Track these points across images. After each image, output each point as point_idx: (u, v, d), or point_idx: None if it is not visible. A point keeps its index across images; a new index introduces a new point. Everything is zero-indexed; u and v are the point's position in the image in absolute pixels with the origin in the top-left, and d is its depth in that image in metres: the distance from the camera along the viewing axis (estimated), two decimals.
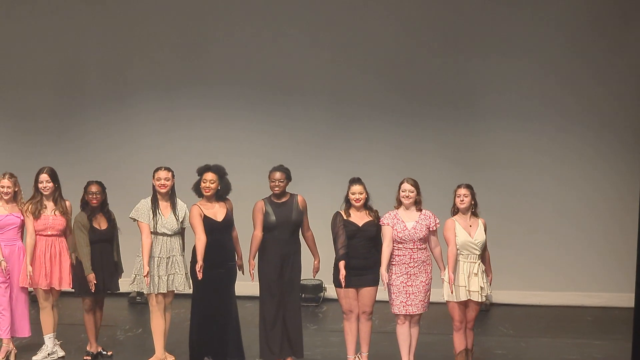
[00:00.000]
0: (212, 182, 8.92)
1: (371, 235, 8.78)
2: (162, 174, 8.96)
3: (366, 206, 8.85)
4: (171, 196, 9.01)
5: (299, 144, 11.87)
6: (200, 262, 8.68)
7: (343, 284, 8.69)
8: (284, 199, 9.01)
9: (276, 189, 8.95)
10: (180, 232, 9.04)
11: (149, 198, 8.98)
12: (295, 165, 9.25)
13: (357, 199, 8.79)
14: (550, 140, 11.67)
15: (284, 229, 8.93)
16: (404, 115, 11.82)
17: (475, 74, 11.71)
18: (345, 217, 8.77)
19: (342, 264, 8.65)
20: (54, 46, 12.18)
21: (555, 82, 11.62)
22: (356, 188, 8.81)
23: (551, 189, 11.71)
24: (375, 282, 8.81)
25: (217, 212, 8.97)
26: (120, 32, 12.10)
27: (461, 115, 11.75)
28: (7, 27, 12.24)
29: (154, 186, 8.99)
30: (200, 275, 8.69)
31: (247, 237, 9.12)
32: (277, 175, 8.96)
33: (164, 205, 8.96)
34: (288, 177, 9.01)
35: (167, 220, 8.92)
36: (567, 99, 11.62)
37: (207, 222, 8.85)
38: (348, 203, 8.84)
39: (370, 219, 8.81)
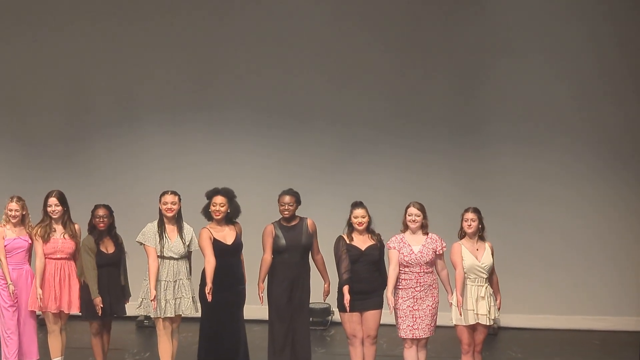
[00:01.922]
0: (221, 205, 8.95)
1: (374, 259, 8.78)
2: (169, 198, 8.98)
3: (369, 230, 8.85)
4: (178, 220, 9.02)
5: (306, 169, 11.87)
6: (209, 285, 8.68)
7: (348, 309, 8.69)
8: (293, 223, 9.03)
9: (286, 212, 8.97)
10: (187, 256, 9.04)
11: (156, 222, 8.99)
12: (302, 189, 9.25)
13: (360, 223, 8.79)
14: (558, 167, 11.66)
15: (294, 253, 8.94)
16: (411, 140, 11.82)
17: (483, 99, 11.73)
18: (348, 241, 8.77)
19: (346, 288, 8.64)
20: (62, 71, 12.24)
21: (565, 109, 11.62)
22: (359, 212, 8.81)
23: (558, 215, 11.67)
24: (379, 305, 8.79)
25: (227, 235, 8.98)
26: (128, 57, 12.16)
27: (468, 140, 11.77)
28: (15, 52, 12.30)
29: (160, 210, 9.00)
30: (209, 298, 8.69)
31: (254, 260, 9.13)
32: (287, 199, 8.99)
33: (170, 228, 8.97)
34: (298, 201, 9.03)
35: (174, 243, 8.93)
36: (577, 126, 11.61)
37: (217, 245, 8.86)
38: (351, 227, 8.83)
39: (373, 242, 8.81)
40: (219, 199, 8.95)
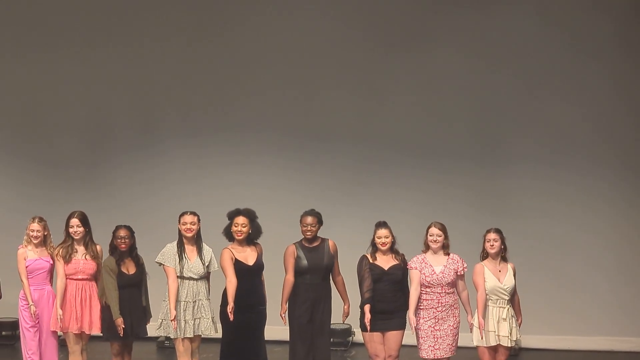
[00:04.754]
0: (243, 225, 8.96)
1: (397, 278, 8.77)
2: (188, 218, 9.00)
3: (392, 250, 8.86)
4: (197, 240, 9.04)
5: (327, 190, 11.87)
6: (231, 304, 8.68)
7: (368, 328, 8.67)
8: (315, 244, 9.03)
9: (308, 233, 8.98)
10: (207, 276, 9.05)
11: (175, 242, 9.01)
12: (323, 211, 9.21)
13: (383, 243, 8.80)
14: (578, 188, 11.62)
15: (316, 274, 8.94)
16: (431, 161, 11.82)
17: (503, 120, 11.73)
18: (371, 261, 8.78)
19: (367, 307, 8.64)
20: (85, 94, 12.33)
21: (586, 129, 11.60)
22: (382, 232, 8.82)
23: (578, 235, 11.62)
24: (401, 325, 8.78)
25: (249, 256, 9.00)
26: (149, 81, 12.23)
27: (489, 161, 11.75)
28: (37, 75, 12.39)
29: (179, 230, 9.02)
30: (231, 317, 8.69)
31: (273, 282, 9.13)
32: (309, 219, 9.00)
33: (189, 249, 8.99)
34: (320, 222, 9.04)
35: (193, 264, 8.94)
36: (598, 146, 11.59)
37: (238, 266, 8.87)
38: (374, 247, 8.84)
39: (397, 262, 8.81)
40: (240, 220, 8.96)
